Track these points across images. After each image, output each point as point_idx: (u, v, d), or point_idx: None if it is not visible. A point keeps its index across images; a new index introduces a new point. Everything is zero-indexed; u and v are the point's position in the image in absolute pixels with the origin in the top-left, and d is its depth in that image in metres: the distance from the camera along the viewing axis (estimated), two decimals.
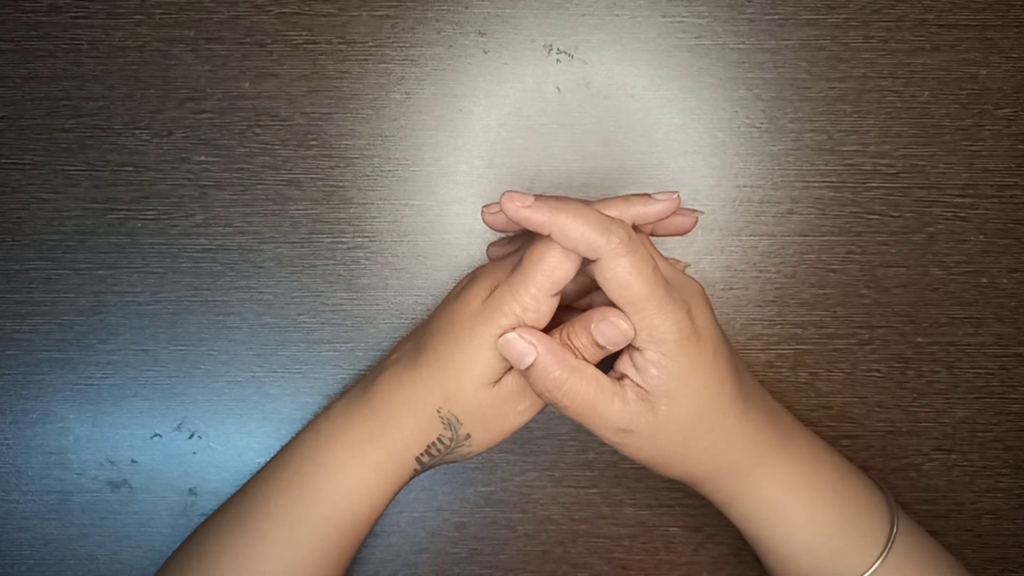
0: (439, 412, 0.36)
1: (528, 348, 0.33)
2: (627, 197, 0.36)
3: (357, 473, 0.37)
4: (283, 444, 0.45)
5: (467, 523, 0.45)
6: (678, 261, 0.43)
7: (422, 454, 0.37)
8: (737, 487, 0.37)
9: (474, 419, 0.36)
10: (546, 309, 0.34)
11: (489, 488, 0.45)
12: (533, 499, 0.45)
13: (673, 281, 0.35)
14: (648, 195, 0.36)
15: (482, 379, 0.35)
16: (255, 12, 0.44)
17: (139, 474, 0.45)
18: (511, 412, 0.36)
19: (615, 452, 0.45)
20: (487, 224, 0.37)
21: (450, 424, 0.36)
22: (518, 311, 0.34)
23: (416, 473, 0.38)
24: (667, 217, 0.36)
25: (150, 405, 0.45)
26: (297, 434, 0.41)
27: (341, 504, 0.37)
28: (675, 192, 0.36)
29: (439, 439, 0.36)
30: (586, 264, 0.34)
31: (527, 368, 0.34)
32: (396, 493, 0.38)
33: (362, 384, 0.39)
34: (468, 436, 0.36)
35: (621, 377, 0.35)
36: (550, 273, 0.34)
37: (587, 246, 0.32)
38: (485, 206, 0.37)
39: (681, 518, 0.45)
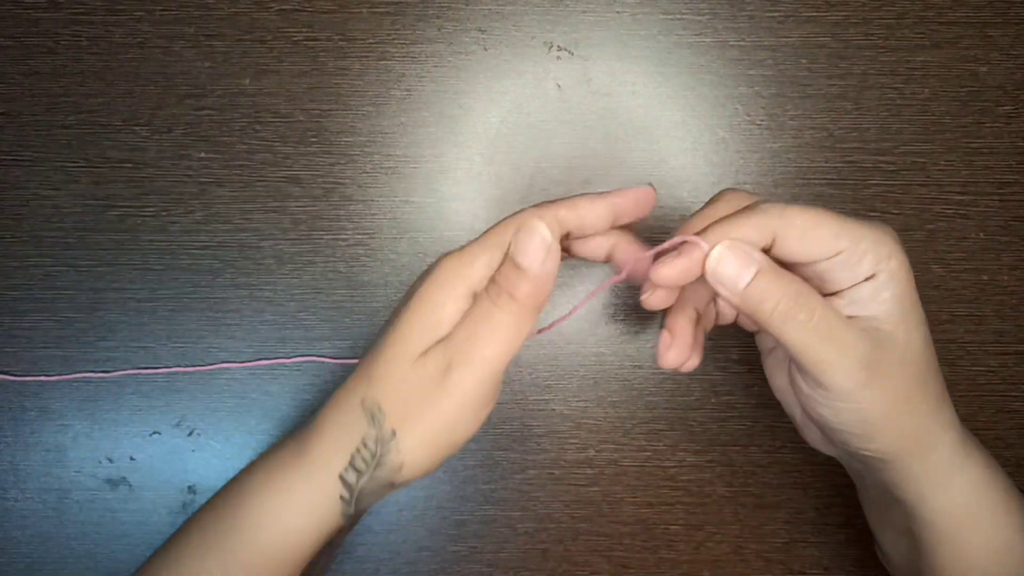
0: (363, 403, 0.31)
1: (750, 259, 0.29)
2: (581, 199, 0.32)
3: (271, 500, 0.32)
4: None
5: (467, 521, 0.45)
6: None
7: (346, 469, 0.31)
8: (947, 466, 0.32)
9: (398, 407, 0.30)
10: (483, 273, 0.31)
11: (489, 486, 0.45)
12: (533, 497, 0.45)
13: None
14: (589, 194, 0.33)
15: (404, 345, 0.30)
16: (256, 8, 0.44)
17: (138, 472, 0.45)
18: (442, 399, 0.30)
19: (616, 450, 0.45)
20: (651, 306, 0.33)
21: (373, 416, 0.30)
22: (467, 259, 0.31)
23: (345, 507, 0.32)
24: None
25: (149, 402, 0.45)
26: None
27: (252, 536, 0.32)
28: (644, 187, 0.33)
29: (363, 443, 0.31)
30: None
31: (747, 285, 0.29)
32: (323, 536, 0.32)
33: None
34: (394, 434, 0.30)
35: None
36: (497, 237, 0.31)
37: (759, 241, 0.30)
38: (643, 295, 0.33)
39: (682, 516, 0.45)
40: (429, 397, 0.30)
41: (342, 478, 0.31)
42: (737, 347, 0.45)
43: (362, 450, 0.31)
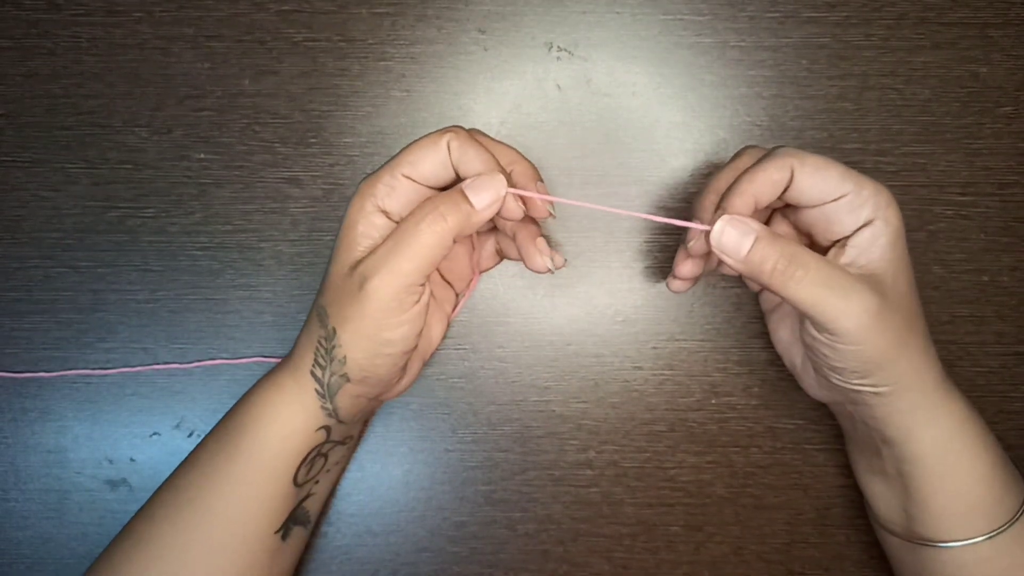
0: (316, 310, 0.36)
1: (748, 229, 0.32)
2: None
3: (269, 397, 0.37)
4: None
5: (467, 522, 0.45)
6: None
7: (313, 365, 0.36)
8: (931, 402, 0.35)
9: (336, 310, 0.35)
10: (385, 191, 0.35)
11: (489, 487, 0.45)
12: (533, 498, 0.45)
13: None
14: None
15: (335, 262, 0.35)
16: (255, 9, 0.44)
17: (138, 473, 0.45)
18: (364, 302, 0.34)
19: (616, 452, 0.45)
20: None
21: (321, 318, 0.35)
22: (386, 179, 0.35)
23: (322, 401, 0.36)
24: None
25: (149, 403, 0.45)
26: None
27: (260, 433, 0.37)
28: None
29: (319, 341, 0.36)
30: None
31: (748, 252, 0.32)
32: (311, 432, 0.37)
33: None
34: (334, 331, 0.35)
35: None
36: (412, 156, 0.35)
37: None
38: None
39: (682, 517, 0.45)
40: (356, 301, 0.34)
41: (312, 373, 0.36)
42: (737, 349, 0.45)
43: (319, 348, 0.36)
